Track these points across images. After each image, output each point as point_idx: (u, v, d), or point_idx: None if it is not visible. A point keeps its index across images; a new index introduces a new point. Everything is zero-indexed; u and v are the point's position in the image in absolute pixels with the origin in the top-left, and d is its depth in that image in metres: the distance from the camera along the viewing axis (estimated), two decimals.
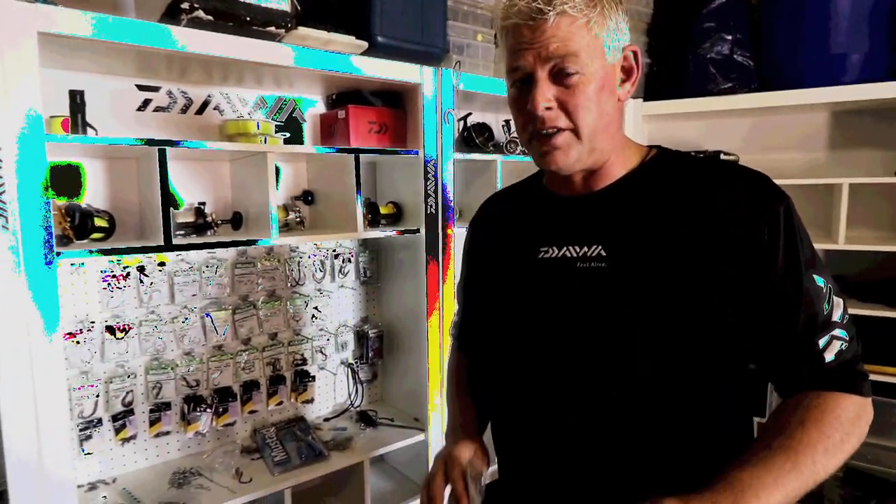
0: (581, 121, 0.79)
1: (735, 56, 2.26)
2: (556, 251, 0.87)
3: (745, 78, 2.27)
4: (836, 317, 0.77)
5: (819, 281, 0.77)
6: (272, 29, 1.39)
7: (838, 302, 0.78)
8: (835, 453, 0.71)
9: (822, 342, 0.76)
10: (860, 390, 0.76)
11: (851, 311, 2.15)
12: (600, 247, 0.83)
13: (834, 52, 2.07)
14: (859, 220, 2.18)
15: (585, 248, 0.84)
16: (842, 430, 0.72)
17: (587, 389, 0.83)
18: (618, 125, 0.85)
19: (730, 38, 2.25)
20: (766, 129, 2.39)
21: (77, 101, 1.31)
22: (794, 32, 2.14)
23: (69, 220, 1.36)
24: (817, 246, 2.08)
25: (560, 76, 0.78)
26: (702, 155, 2.32)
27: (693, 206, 0.79)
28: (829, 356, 0.76)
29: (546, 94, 0.78)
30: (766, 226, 0.76)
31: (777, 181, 2.19)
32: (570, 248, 0.86)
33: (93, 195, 1.52)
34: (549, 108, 0.78)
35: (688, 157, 0.88)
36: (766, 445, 0.72)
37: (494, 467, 1.00)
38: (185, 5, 1.24)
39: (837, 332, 0.77)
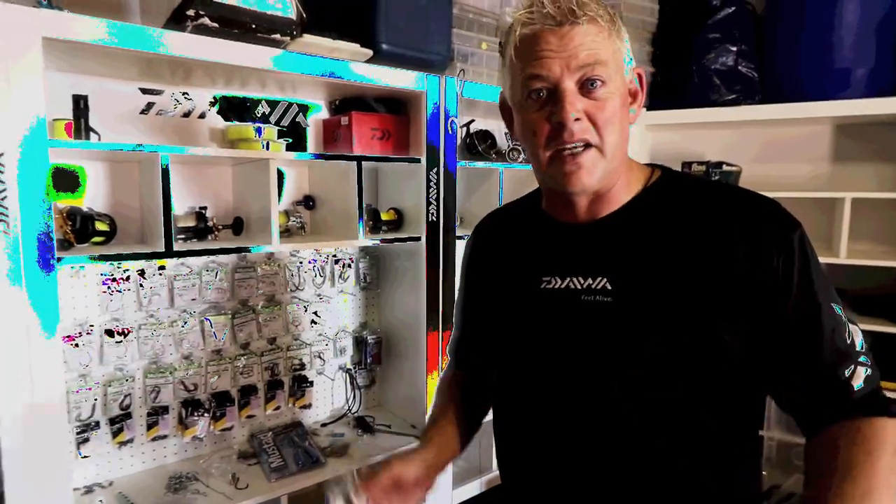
0: (608, 136, 0.75)
1: (739, 67, 2.26)
2: (560, 282, 0.83)
3: (749, 89, 2.26)
4: (857, 345, 0.75)
5: (837, 310, 0.75)
6: (277, 36, 1.38)
7: (856, 330, 0.76)
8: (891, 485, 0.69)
9: (847, 372, 0.73)
10: (892, 411, 0.74)
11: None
12: (606, 280, 0.79)
13: (838, 66, 2.07)
14: (861, 235, 2.18)
15: (590, 281, 0.81)
16: (893, 456, 0.71)
17: (589, 424, 0.81)
18: (627, 147, 0.82)
19: (734, 49, 2.25)
20: (770, 141, 2.39)
21: (80, 105, 1.31)
22: (798, 45, 2.14)
23: (70, 223, 1.35)
24: (819, 260, 2.10)
25: (588, 88, 0.74)
26: (703, 165, 2.32)
27: (702, 238, 0.76)
28: (856, 384, 0.73)
29: (576, 105, 0.73)
30: (781, 258, 0.73)
31: (779, 194, 2.18)
32: (575, 279, 0.82)
33: (94, 198, 1.52)
34: (577, 120, 0.73)
35: (693, 180, 0.86)
36: (838, 494, 0.68)
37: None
38: (191, 12, 1.24)
39: (861, 359, 0.74)
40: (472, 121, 2.15)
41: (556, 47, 0.73)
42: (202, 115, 1.68)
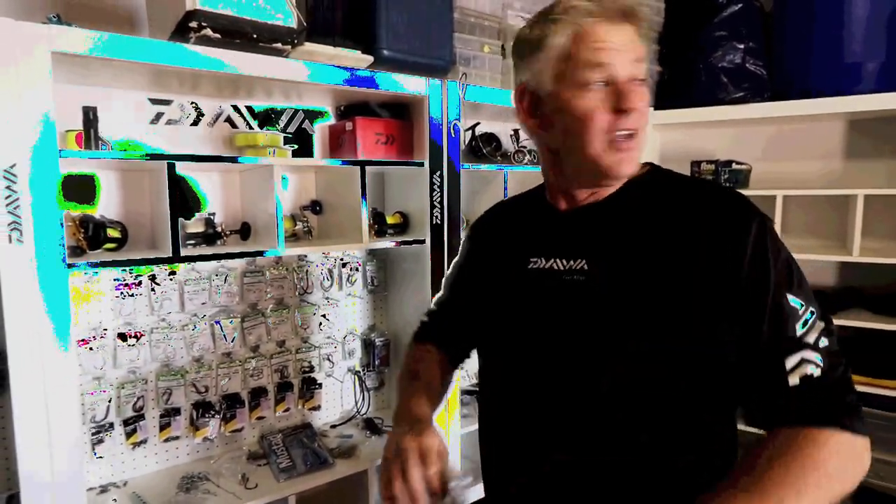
0: (645, 126, 0.82)
1: (747, 65, 2.23)
2: (545, 262, 0.89)
3: (758, 87, 2.23)
4: (810, 339, 0.73)
5: (794, 302, 0.75)
6: (278, 45, 1.42)
7: (818, 326, 0.74)
8: (809, 495, 0.65)
9: (789, 363, 0.72)
10: (842, 423, 0.70)
11: (865, 324, 2.08)
12: (584, 261, 0.85)
13: (848, 60, 2.03)
14: (875, 232, 2.13)
15: (571, 262, 0.86)
16: (819, 470, 0.66)
17: (562, 401, 0.84)
18: None
19: (742, 46, 2.22)
20: (780, 139, 2.36)
21: (90, 117, 1.36)
22: (807, 41, 2.11)
23: (83, 231, 1.40)
24: (831, 258, 2.07)
25: (636, 83, 0.80)
26: (712, 164, 2.30)
27: (674, 226, 0.81)
28: (793, 379, 0.71)
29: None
30: (737, 245, 0.75)
31: (791, 192, 2.15)
32: (558, 260, 0.88)
33: (106, 206, 1.57)
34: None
35: (677, 176, 0.89)
36: (732, 484, 0.68)
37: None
38: (194, 24, 1.27)
39: (810, 354, 0.72)
40: (478, 123, 2.17)
41: (619, 41, 0.78)
42: (211, 124, 1.72)
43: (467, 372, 2.28)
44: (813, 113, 2.09)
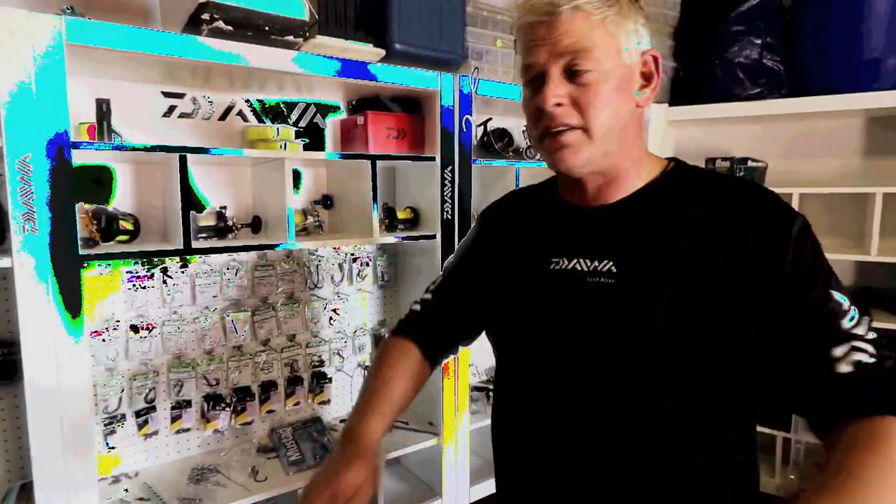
0: (593, 120, 0.76)
1: (764, 60, 2.20)
2: (567, 263, 0.84)
3: (775, 83, 2.20)
4: (859, 331, 0.71)
5: (840, 297, 0.73)
6: (290, 38, 1.42)
7: (865, 320, 0.73)
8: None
9: (837, 352, 0.70)
10: None
11: (883, 324, 2.05)
12: (611, 262, 0.80)
13: (867, 56, 1.99)
14: (893, 231, 2.10)
15: (596, 263, 0.82)
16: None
17: (585, 407, 0.82)
18: (636, 131, 0.82)
19: (759, 41, 2.19)
20: (797, 136, 2.32)
21: (103, 109, 1.36)
22: (826, 37, 2.07)
23: (96, 223, 1.41)
24: (849, 257, 2.04)
25: (573, 73, 0.76)
26: (728, 161, 2.27)
27: (708, 228, 0.77)
28: (845, 367, 0.69)
29: (557, 91, 0.76)
30: (779, 242, 0.73)
31: (808, 189, 2.11)
32: (581, 260, 0.83)
33: (120, 198, 1.58)
34: (559, 105, 0.76)
35: (705, 172, 0.85)
36: (828, 489, 0.63)
37: None
38: (206, 16, 1.28)
39: (861, 344, 0.70)
40: (490, 119, 2.15)
41: (542, 36, 0.77)
42: (223, 117, 1.72)
43: (477, 368, 2.28)
44: (831, 109, 2.05)
